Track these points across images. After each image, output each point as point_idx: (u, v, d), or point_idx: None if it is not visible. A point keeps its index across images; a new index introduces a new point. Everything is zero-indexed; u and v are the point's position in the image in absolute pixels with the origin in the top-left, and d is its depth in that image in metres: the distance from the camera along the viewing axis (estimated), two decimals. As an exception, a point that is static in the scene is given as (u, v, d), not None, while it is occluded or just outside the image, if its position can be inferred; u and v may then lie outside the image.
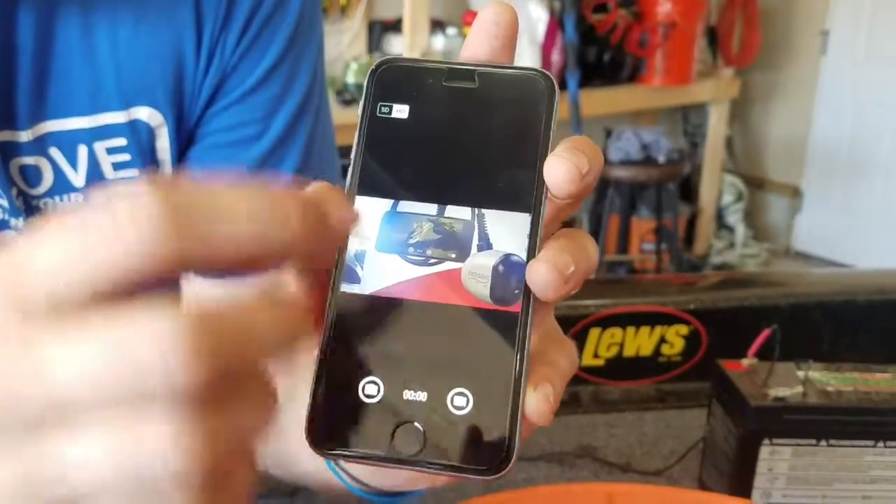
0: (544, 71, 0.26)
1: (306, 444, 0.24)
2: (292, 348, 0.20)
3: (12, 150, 0.47)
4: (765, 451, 0.54)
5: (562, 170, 0.24)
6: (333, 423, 0.24)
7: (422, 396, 0.23)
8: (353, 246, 0.25)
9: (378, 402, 0.24)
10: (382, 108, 0.26)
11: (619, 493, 0.44)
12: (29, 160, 0.48)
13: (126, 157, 0.50)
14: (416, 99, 0.26)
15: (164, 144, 0.50)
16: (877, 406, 0.54)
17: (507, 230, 0.25)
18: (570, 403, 0.74)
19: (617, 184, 2.78)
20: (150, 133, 0.49)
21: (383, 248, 0.25)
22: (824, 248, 3.22)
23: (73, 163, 0.49)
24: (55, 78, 0.46)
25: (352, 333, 0.24)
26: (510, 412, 0.23)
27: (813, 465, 0.54)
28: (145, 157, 0.50)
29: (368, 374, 0.24)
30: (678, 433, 0.68)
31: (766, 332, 0.58)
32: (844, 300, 0.78)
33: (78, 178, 0.49)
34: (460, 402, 0.23)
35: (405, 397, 0.23)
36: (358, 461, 0.24)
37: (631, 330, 0.74)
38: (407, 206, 0.25)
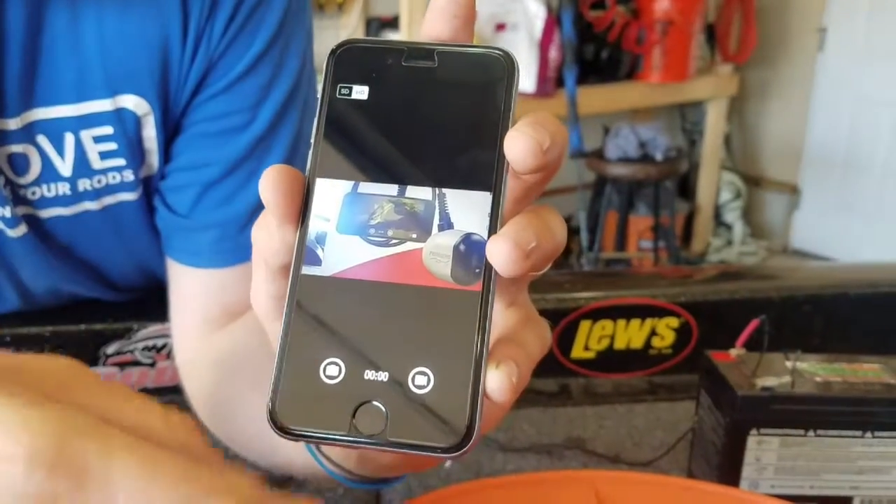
0: (505, 49, 0.26)
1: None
2: None
3: (1, 138, 0.47)
4: (752, 441, 0.54)
5: (521, 144, 0.24)
6: (295, 404, 0.24)
7: (383, 376, 0.24)
8: (314, 228, 0.25)
9: (339, 383, 0.24)
10: (342, 89, 0.26)
11: (603, 480, 0.44)
12: (17, 148, 0.48)
13: (113, 145, 0.50)
14: (376, 79, 0.26)
15: (150, 133, 0.50)
16: (865, 396, 0.54)
17: (468, 209, 0.25)
18: (560, 396, 0.74)
19: (614, 181, 2.78)
20: (137, 122, 0.49)
21: (344, 229, 0.25)
22: (822, 246, 3.22)
23: (60, 151, 0.49)
24: (43, 66, 0.46)
25: (313, 315, 0.24)
26: (471, 390, 0.23)
27: (801, 455, 0.54)
28: (132, 145, 0.50)
29: (329, 355, 0.24)
30: (668, 425, 0.68)
31: (754, 323, 0.58)
32: (836, 293, 0.78)
33: (65, 166, 0.49)
34: (421, 381, 0.23)
35: (366, 377, 0.24)
36: (320, 442, 0.24)
37: (622, 322, 0.74)
38: (367, 187, 0.25)
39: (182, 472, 0.20)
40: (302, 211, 0.25)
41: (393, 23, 2.55)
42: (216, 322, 0.53)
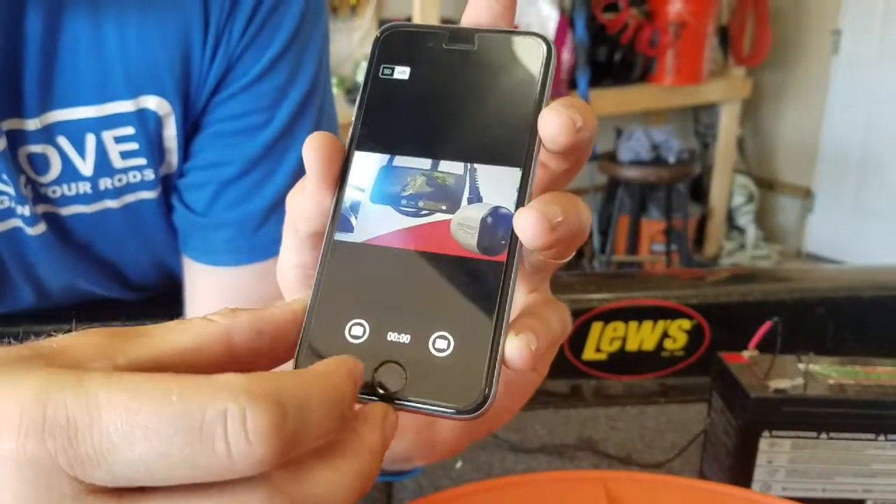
0: (543, 35, 0.27)
1: None
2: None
3: (20, 138, 0.48)
4: (764, 443, 0.54)
5: (556, 120, 0.25)
6: (318, 359, 0.24)
7: (405, 338, 0.25)
8: (350, 197, 0.26)
9: (362, 343, 0.25)
10: (385, 69, 0.27)
11: (614, 480, 0.44)
12: (36, 148, 0.49)
13: (134, 145, 0.50)
14: (417, 61, 0.27)
15: (171, 133, 0.51)
16: (878, 399, 0.53)
17: (497, 184, 0.26)
18: (571, 397, 0.74)
19: (627, 184, 2.77)
20: (158, 122, 0.50)
21: (377, 199, 0.26)
22: (836, 250, 3.20)
23: (81, 151, 0.50)
24: (62, 68, 0.47)
25: (343, 279, 0.26)
26: (489, 356, 0.24)
27: (813, 457, 0.54)
28: (153, 145, 0.51)
29: (355, 316, 0.25)
30: (680, 427, 0.68)
31: (767, 324, 0.58)
32: (849, 296, 0.77)
33: (86, 166, 0.50)
34: (441, 344, 0.24)
35: (389, 339, 0.25)
36: None
37: (633, 324, 0.74)
38: (402, 160, 0.26)
39: (166, 390, 0.19)
40: (339, 181, 0.26)
41: (406, 25, 2.55)
42: (231, 320, 0.54)
